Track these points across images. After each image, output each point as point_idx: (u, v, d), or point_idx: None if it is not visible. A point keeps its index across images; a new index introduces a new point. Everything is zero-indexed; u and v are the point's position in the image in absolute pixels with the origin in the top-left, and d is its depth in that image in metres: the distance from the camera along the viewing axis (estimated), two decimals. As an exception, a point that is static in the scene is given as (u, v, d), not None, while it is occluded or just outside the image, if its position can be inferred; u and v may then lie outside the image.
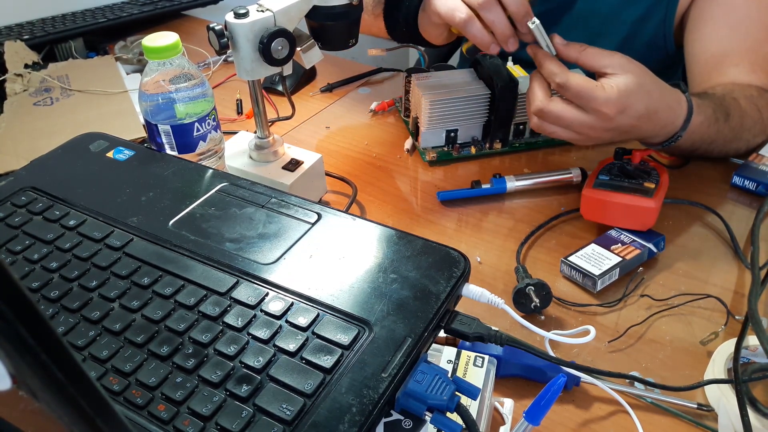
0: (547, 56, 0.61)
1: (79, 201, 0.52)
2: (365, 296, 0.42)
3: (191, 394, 0.37)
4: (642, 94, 0.59)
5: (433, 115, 0.75)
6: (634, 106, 0.58)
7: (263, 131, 0.68)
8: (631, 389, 0.50)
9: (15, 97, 0.90)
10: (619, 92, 0.57)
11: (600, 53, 0.59)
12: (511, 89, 0.73)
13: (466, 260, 0.44)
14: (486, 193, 0.71)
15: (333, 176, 0.73)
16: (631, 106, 0.58)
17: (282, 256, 0.46)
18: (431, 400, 0.37)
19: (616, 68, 0.59)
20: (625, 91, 0.58)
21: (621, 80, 0.58)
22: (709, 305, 0.58)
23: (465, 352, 0.48)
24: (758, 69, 0.74)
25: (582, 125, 0.59)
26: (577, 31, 0.89)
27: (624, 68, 0.59)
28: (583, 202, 0.65)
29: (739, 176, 0.71)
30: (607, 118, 0.58)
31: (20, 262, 0.47)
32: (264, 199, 0.51)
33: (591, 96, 0.57)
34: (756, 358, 0.50)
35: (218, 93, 0.94)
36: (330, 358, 0.38)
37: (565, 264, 0.60)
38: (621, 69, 0.59)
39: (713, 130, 0.67)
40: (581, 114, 0.59)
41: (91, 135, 0.61)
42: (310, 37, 0.66)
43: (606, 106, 0.58)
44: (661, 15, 0.83)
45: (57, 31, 1.03)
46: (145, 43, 0.59)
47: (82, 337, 0.40)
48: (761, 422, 0.45)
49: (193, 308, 0.42)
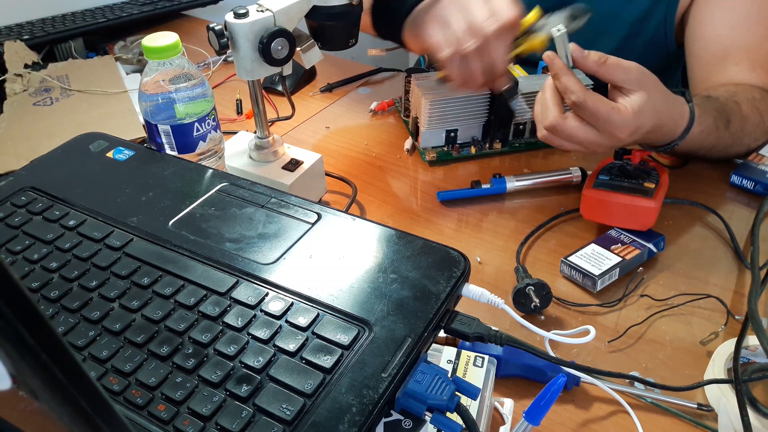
0: (565, 69, 0.59)
1: (79, 201, 0.52)
2: (365, 296, 0.42)
3: (191, 394, 0.37)
4: (653, 113, 0.58)
5: (433, 115, 0.75)
6: (645, 125, 0.58)
7: (263, 131, 0.68)
8: (631, 389, 0.50)
9: (15, 97, 0.90)
10: (633, 115, 0.57)
11: (619, 67, 0.58)
12: (511, 89, 0.73)
13: (466, 260, 0.44)
14: (486, 193, 0.71)
15: (333, 176, 0.73)
16: (641, 127, 0.58)
17: (282, 256, 0.46)
18: (431, 400, 0.37)
19: (633, 84, 0.58)
20: (639, 113, 0.57)
21: (636, 101, 0.57)
22: (709, 305, 0.58)
23: (465, 352, 0.48)
24: (758, 68, 0.74)
25: (592, 143, 0.59)
26: (576, 30, 0.89)
27: (640, 84, 0.58)
28: (583, 202, 0.65)
29: (737, 175, 0.71)
30: (618, 140, 0.58)
31: (20, 262, 0.47)
32: (264, 199, 0.51)
33: (607, 119, 0.57)
34: (756, 358, 0.50)
35: (218, 93, 0.94)
36: (330, 358, 0.38)
37: (565, 264, 0.60)
38: (638, 85, 0.58)
39: (713, 137, 0.67)
40: (594, 133, 0.58)
41: (91, 135, 0.61)
42: (310, 37, 0.66)
43: (621, 130, 0.57)
44: (662, 14, 0.83)
45: (57, 31, 1.03)
46: (145, 43, 0.59)
47: (82, 337, 0.40)
48: (761, 422, 0.45)
49: (193, 308, 0.42)
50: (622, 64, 0.58)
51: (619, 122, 0.57)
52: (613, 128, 0.57)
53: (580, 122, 0.59)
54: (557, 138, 0.61)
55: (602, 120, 0.57)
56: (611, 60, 0.58)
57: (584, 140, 0.59)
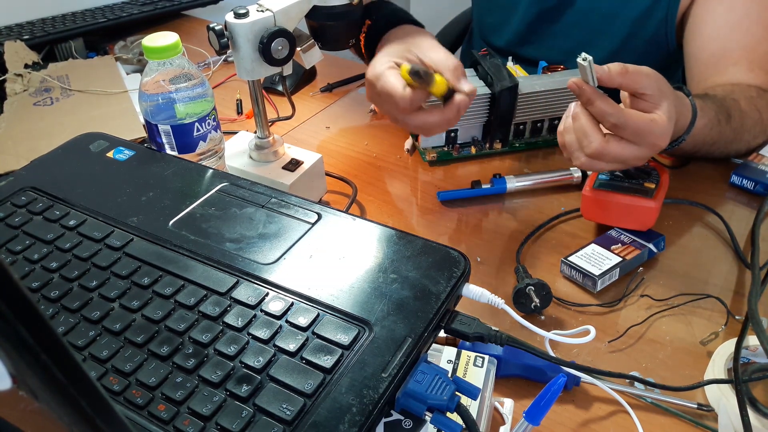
0: (597, 94, 0.57)
1: (79, 201, 0.52)
2: (365, 296, 0.42)
3: (191, 394, 0.37)
4: (675, 114, 0.58)
5: (433, 115, 0.75)
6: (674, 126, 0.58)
7: (263, 131, 0.68)
8: (631, 389, 0.50)
9: (15, 97, 0.90)
10: (669, 121, 0.57)
11: (639, 74, 0.57)
12: (511, 89, 0.73)
13: (466, 260, 0.44)
14: (486, 193, 0.71)
15: (333, 176, 0.73)
16: (673, 129, 0.58)
17: (282, 256, 0.46)
18: (431, 400, 0.37)
19: (653, 90, 0.57)
20: (671, 118, 0.57)
21: (665, 107, 0.57)
22: (709, 305, 0.58)
23: (465, 352, 0.48)
24: (756, 68, 0.74)
25: (637, 158, 0.58)
26: (577, 29, 0.89)
27: (660, 90, 0.57)
28: (583, 202, 0.65)
29: (737, 175, 0.71)
30: (659, 147, 0.58)
31: (20, 262, 0.47)
32: (264, 199, 0.51)
33: (649, 132, 0.56)
34: (756, 358, 0.50)
35: (218, 93, 0.94)
36: (330, 358, 0.38)
37: (565, 264, 0.60)
38: (658, 91, 0.57)
39: (715, 131, 0.67)
40: (637, 149, 0.57)
41: (91, 135, 0.61)
42: (310, 37, 0.66)
43: (661, 139, 0.57)
44: (662, 13, 0.83)
45: (57, 31, 1.03)
46: (145, 43, 0.59)
47: (82, 337, 0.40)
48: (761, 422, 0.45)
49: (193, 308, 0.42)
50: (642, 71, 0.58)
51: (659, 132, 0.57)
52: (655, 139, 0.57)
53: (623, 142, 0.57)
54: (601, 162, 0.59)
55: (645, 134, 0.56)
56: (631, 68, 0.57)
57: (629, 157, 0.58)
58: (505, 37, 0.96)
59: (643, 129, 0.56)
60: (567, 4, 0.89)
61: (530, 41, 0.94)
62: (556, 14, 0.90)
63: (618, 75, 0.57)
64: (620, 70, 0.57)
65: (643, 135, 0.57)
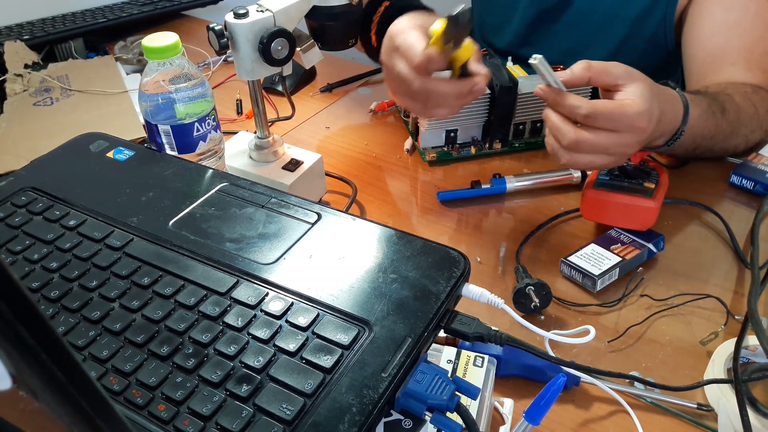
0: (559, 93, 0.57)
1: (79, 201, 0.52)
2: (365, 296, 0.42)
3: (191, 394, 0.37)
4: (654, 97, 0.58)
5: (433, 115, 0.75)
6: (654, 109, 0.58)
7: (263, 131, 0.68)
8: (631, 389, 0.50)
9: (15, 97, 0.90)
10: (642, 100, 0.56)
11: (606, 67, 0.58)
12: (510, 89, 0.73)
13: (466, 260, 0.44)
14: (486, 193, 0.71)
15: (333, 176, 0.73)
16: (653, 110, 0.57)
17: (282, 256, 0.46)
18: (431, 400, 0.37)
19: (623, 78, 0.57)
20: (646, 98, 0.57)
21: (635, 89, 0.57)
22: (709, 305, 0.58)
23: (465, 352, 0.48)
24: (754, 67, 0.74)
25: (619, 145, 0.58)
26: (577, 29, 0.89)
27: (630, 75, 0.58)
28: (583, 202, 0.65)
29: (737, 175, 0.71)
30: (642, 130, 0.57)
31: (20, 262, 0.47)
32: (264, 199, 0.51)
33: (623, 114, 0.56)
34: (756, 358, 0.50)
35: (218, 93, 0.94)
36: (330, 358, 0.38)
37: (565, 264, 0.60)
38: (628, 77, 0.57)
39: (711, 123, 0.67)
40: (617, 136, 0.57)
41: (91, 135, 0.61)
42: (310, 37, 0.66)
43: (639, 119, 0.56)
44: (661, 12, 0.83)
45: (57, 31, 1.03)
46: (145, 43, 0.59)
47: (82, 337, 0.40)
48: (761, 422, 0.45)
49: (193, 308, 0.42)
50: (606, 64, 0.58)
51: (633, 113, 0.56)
52: (632, 121, 0.56)
53: (599, 130, 0.57)
54: (582, 154, 0.58)
55: (618, 118, 0.56)
56: (594, 63, 0.58)
57: (610, 144, 0.57)
58: (506, 38, 0.97)
59: (614, 113, 0.56)
60: (566, 5, 0.89)
61: (530, 41, 0.94)
62: (556, 14, 0.90)
63: (582, 71, 0.58)
64: (583, 66, 0.58)
65: (617, 119, 0.56)
